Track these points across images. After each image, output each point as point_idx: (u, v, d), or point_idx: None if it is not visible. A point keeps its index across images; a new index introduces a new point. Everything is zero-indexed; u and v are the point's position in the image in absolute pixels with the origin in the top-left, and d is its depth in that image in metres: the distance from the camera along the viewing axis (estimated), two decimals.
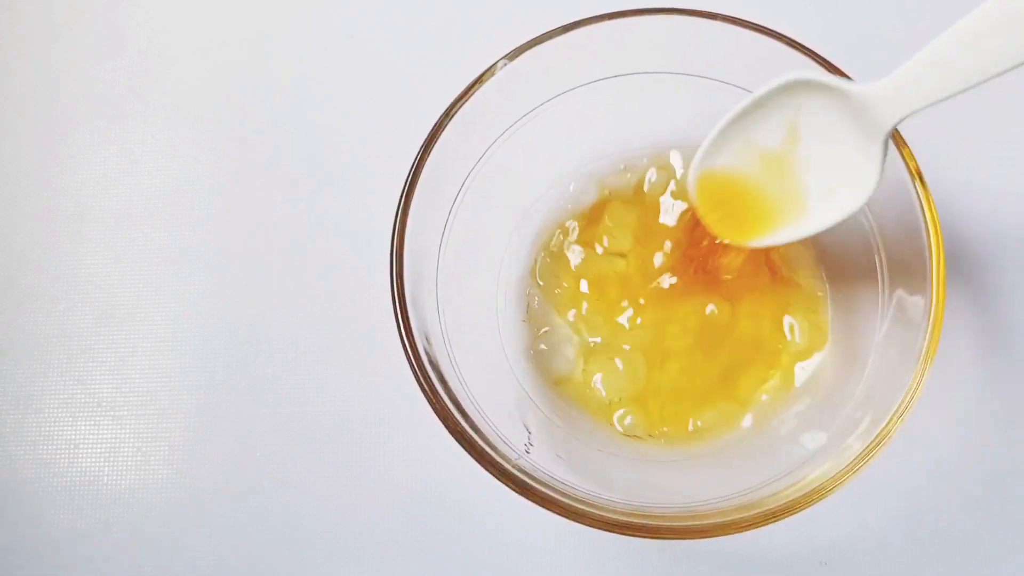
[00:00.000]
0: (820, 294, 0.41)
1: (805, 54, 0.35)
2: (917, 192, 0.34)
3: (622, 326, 0.41)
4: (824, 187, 0.35)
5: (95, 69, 0.51)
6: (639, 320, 0.41)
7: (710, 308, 0.41)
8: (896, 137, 0.34)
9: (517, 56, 0.36)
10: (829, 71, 0.35)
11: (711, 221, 0.38)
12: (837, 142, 0.34)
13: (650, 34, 0.37)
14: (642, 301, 0.41)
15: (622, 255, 0.42)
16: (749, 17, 0.36)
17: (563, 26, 0.36)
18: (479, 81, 0.36)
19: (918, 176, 0.34)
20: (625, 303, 0.41)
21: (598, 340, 0.41)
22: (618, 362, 0.40)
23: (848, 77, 0.34)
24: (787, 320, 0.41)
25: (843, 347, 0.39)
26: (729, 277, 0.41)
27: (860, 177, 0.33)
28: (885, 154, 0.32)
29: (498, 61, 0.36)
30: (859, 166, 0.33)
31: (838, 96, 0.33)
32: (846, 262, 0.40)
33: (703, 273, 0.40)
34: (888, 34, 0.47)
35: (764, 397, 0.40)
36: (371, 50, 0.50)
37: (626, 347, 0.40)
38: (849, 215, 0.34)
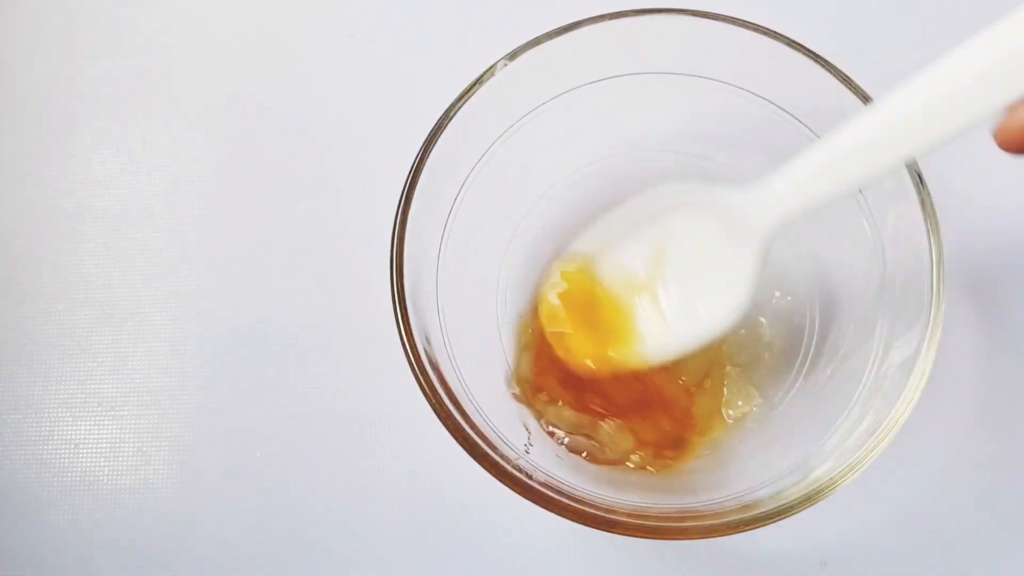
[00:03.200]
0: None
1: (805, 54, 0.35)
2: (918, 192, 0.34)
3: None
4: (688, 308, 0.35)
5: (95, 69, 0.51)
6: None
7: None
8: None
9: (517, 56, 0.36)
10: (829, 71, 0.35)
11: (560, 342, 0.37)
12: (707, 261, 0.33)
13: (650, 34, 0.37)
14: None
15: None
16: (749, 17, 0.36)
17: (563, 26, 0.36)
18: (479, 81, 0.36)
19: (918, 176, 0.34)
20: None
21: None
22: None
23: (845, 75, 0.34)
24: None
25: (842, 347, 0.39)
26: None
27: (729, 298, 0.33)
28: (761, 268, 0.32)
29: (498, 61, 0.36)
30: (729, 286, 0.33)
31: (710, 211, 0.33)
32: (846, 262, 0.40)
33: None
34: (888, 34, 0.47)
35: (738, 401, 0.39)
36: (371, 50, 0.50)
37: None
38: (716, 335, 0.34)
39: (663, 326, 0.35)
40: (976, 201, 0.45)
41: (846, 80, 0.35)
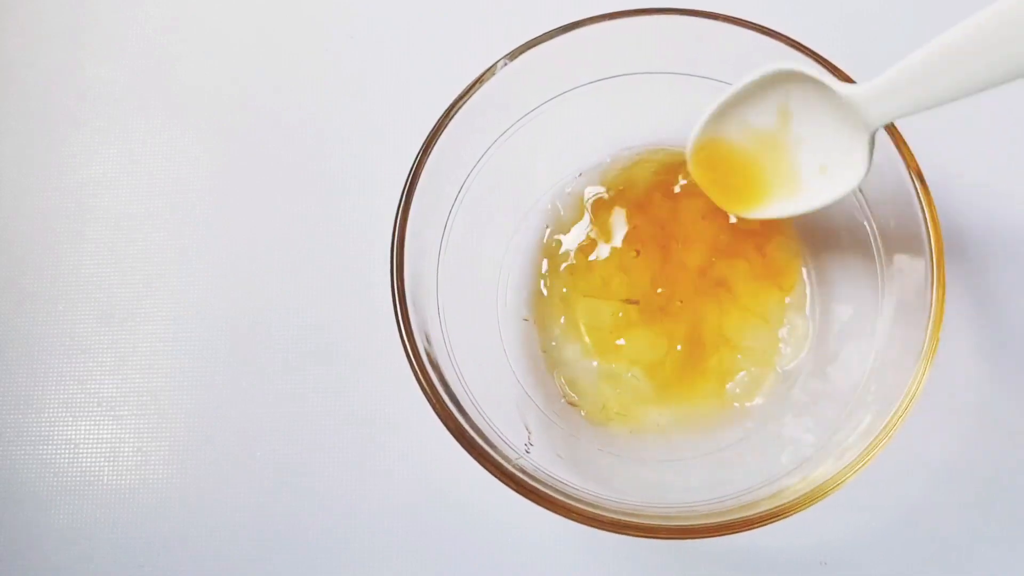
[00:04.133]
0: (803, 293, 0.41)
1: (806, 54, 0.35)
2: (917, 192, 0.34)
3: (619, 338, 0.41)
4: (816, 165, 0.36)
5: (95, 69, 0.51)
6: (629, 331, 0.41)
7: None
8: (896, 137, 0.34)
9: (517, 56, 0.36)
10: (829, 71, 0.35)
11: (709, 189, 0.39)
12: (827, 129, 0.34)
13: (650, 34, 0.37)
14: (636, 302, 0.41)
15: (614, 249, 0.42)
16: (749, 17, 0.36)
17: (563, 26, 0.36)
18: (479, 81, 0.36)
19: (918, 176, 0.34)
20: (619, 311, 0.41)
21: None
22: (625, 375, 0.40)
23: (845, 76, 0.34)
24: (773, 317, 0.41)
25: (842, 348, 0.39)
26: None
27: (850, 163, 0.34)
28: (872, 148, 0.33)
29: (498, 61, 0.36)
30: (848, 152, 0.34)
31: (825, 92, 0.33)
32: (846, 261, 0.40)
33: (687, 247, 0.41)
34: (888, 34, 0.47)
35: (738, 388, 0.40)
36: (372, 50, 0.50)
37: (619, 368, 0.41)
38: (840, 196, 0.35)
39: (795, 180, 0.37)
40: (977, 201, 0.45)
41: (847, 80, 0.35)
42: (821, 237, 0.41)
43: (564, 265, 0.42)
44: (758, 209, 0.38)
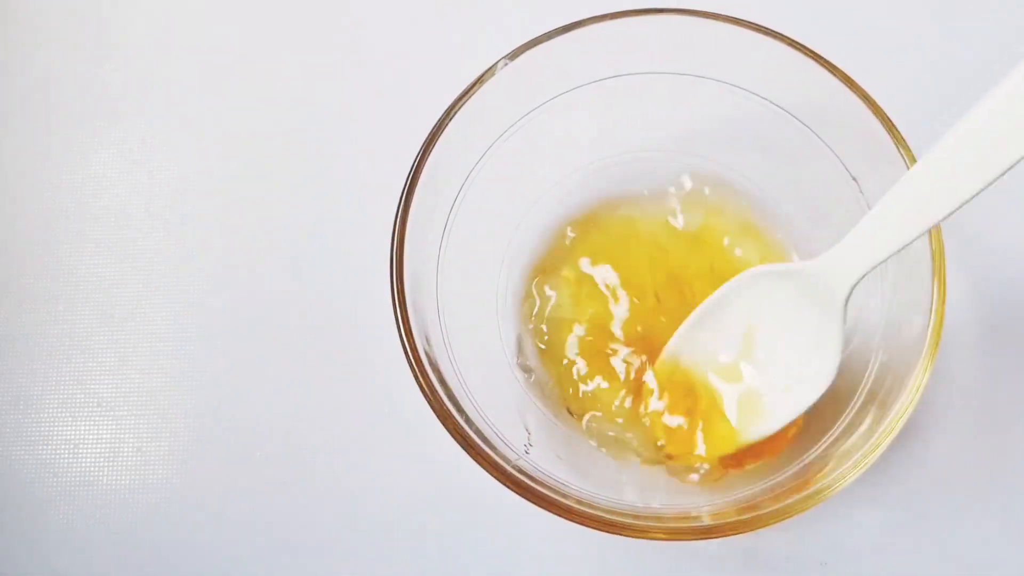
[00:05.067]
0: None
1: (806, 54, 0.35)
2: None
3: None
4: (780, 387, 0.36)
5: (95, 69, 0.50)
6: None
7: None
8: (896, 136, 0.34)
9: (517, 56, 0.36)
10: (830, 71, 0.35)
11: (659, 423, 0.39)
12: (795, 332, 0.35)
13: (650, 34, 0.37)
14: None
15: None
16: (750, 17, 0.36)
17: (563, 26, 0.36)
18: (479, 81, 0.36)
19: None
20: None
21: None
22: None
23: (841, 73, 0.35)
24: None
25: (842, 348, 0.39)
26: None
27: (820, 362, 0.35)
28: (843, 327, 0.34)
29: (498, 61, 0.36)
30: (818, 352, 0.35)
31: (789, 280, 0.34)
32: None
33: None
34: (888, 34, 0.47)
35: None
36: (372, 50, 0.50)
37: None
38: (811, 405, 0.35)
39: (763, 404, 0.37)
40: (977, 200, 0.45)
41: (847, 80, 0.35)
42: (821, 239, 0.41)
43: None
44: (718, 445, 0.37)
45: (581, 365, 0.40)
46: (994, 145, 0.27)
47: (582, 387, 0.40)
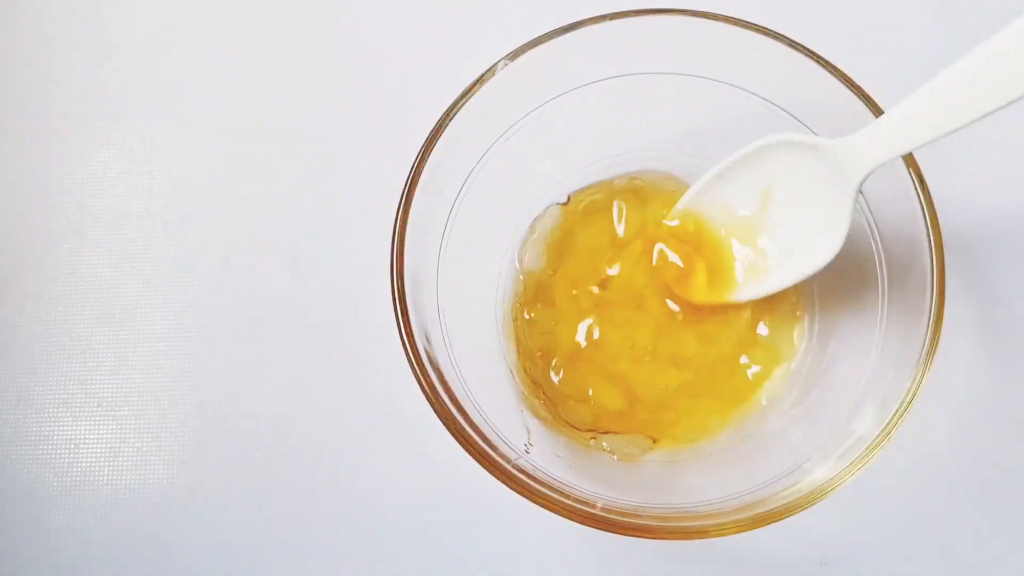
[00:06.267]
0: (796, 312, 0.41)
1: (806, 55, 0.35)
2: (917, 193, 0.34)
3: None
4: (787, 247, 0.37)
5: (95, 69, 0.50)
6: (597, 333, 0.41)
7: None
8: None
9: (517, 56, 0.36)
10: (830, 71, 0.35)
11: (674, 274, 0.40)
12: (808, 202, 0.36)
13: (650, 34, 0.37)
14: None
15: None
16: (749, 17, 0.36)
17: (563, 26, 0.36)
18: (479, 81, 0.36)
19: (918, 177, 0.34)
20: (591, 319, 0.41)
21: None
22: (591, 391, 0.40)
23: (847, 78, 0.34)
24: (760, 329, 0.41)
25: (843, 348, 0.39)
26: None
27: (827, 235, 0.36)
28: (854, 208, 0.34)
29: (498, 61, 0.36)
30: (827, 224, 0.35)
31: (813, 155, 0.35)
32: (846, 262, 0.40)
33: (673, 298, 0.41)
34: (888, 34, 0.47)
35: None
36: (372, 50, 0.50)
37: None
38: (813, 273, 0.36)
39: (767, 263, 0.38)
40: (977, 201, 0.45)
41: (846, 79, 0.35)
42: None
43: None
44: (719, 292, 0.39)
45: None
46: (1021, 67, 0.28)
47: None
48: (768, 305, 0.41)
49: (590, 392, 0.40)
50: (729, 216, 0.39)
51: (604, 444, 0.39)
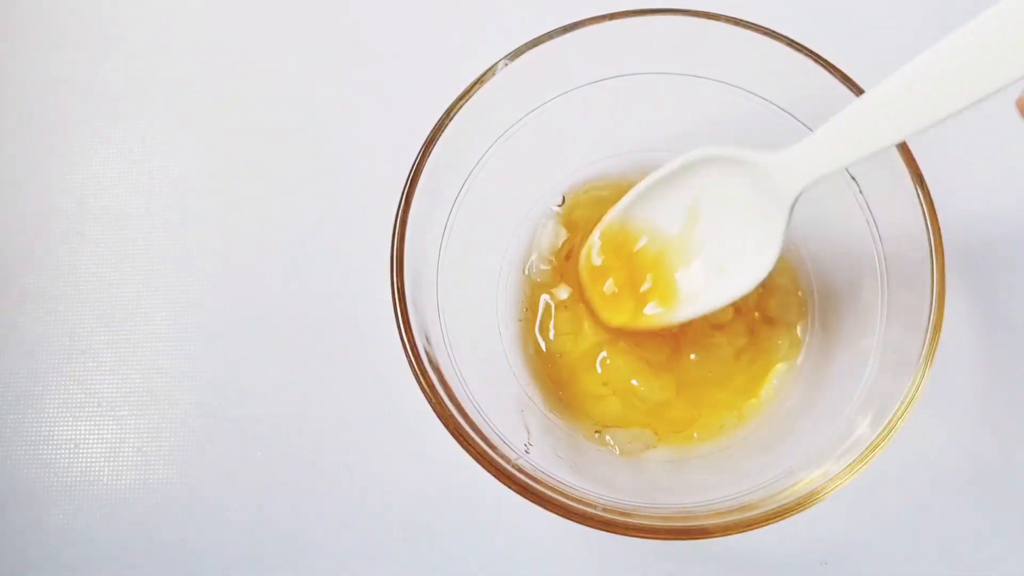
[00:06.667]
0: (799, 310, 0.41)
1: (805, 54, 0.35)
2: (917, 193, 0.34)
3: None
4: (716, 266, 0.37)
5: (95, 69, 0.50)
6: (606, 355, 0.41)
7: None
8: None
9: (517, 56, 0.36)
10: (829, 71, 0.35)
11: (593, 289, 0.40)
12: (738, 219, 0.35)
13: (650, 34, 0.37)
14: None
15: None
16: (749, 17, 0.36)
17: (563, 26, 0.36)
18: (479, 81, 0.36)
19: (918, 177, 0.34)
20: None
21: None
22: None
23: (844, 74, 0.34)
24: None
25: (843, 348, 0.39)
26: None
27: (760, 252, 0.35)
28: (787, 226, 0.34)
29: (498, 61, 0.36)
30: (761, 242, 0.35)
31: (740, 169, 0.34)
32: (846, 263, 0.40)
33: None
34: (888, 34, 0.47)
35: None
36: (372, 51, 0.50)
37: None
38: (746, 292, 0.35)
39: (696, 284, 0.37)
40: (977, 200, 0.45)
41: (846, 79, 0.35)
42: (819, 235, 0.41)
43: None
44: (647, 317, 0.38)
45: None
46: (957, 80, 0.27)
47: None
48: (768, 305, 0.41)
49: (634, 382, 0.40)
50: (655, 231, 0.38)
51: (608, 438, 0.39)
